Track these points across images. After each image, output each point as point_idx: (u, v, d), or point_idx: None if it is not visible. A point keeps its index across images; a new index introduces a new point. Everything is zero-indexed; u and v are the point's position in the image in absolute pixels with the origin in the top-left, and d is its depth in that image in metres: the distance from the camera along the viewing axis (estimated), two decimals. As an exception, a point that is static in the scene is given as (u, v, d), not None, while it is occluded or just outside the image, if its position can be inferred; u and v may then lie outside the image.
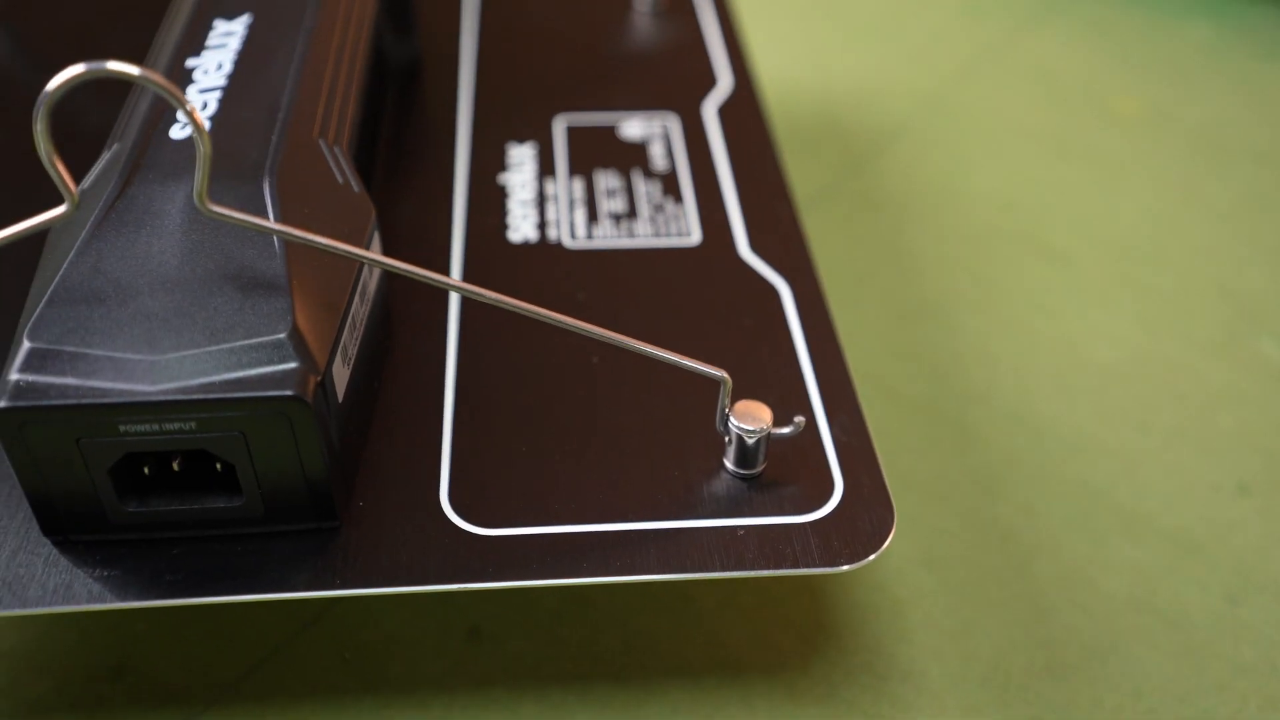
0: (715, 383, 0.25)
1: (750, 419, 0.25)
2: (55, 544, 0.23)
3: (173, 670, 0.28)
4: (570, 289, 0.30)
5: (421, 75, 0.39)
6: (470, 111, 0.37)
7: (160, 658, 0.29)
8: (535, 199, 0.34)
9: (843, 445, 0.26)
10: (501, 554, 0.24)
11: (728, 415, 0.25)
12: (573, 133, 0.37)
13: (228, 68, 0.29)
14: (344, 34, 0.32)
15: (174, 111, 0.27)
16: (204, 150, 0.20)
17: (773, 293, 0.31)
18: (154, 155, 0.26)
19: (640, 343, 0.24)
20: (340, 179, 0.27)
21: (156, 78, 0.20)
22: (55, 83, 0.20)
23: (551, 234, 0.32)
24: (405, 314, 0.29)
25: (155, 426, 0.21)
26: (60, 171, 0.20)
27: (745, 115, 0.38)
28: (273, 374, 0.22)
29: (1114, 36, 0.58)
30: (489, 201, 0.33)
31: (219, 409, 0.21)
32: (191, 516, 0.23)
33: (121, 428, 0.21)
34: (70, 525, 0.23)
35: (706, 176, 0.35)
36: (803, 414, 0.27)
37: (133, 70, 0.20)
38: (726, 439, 0.25)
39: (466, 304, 0.30)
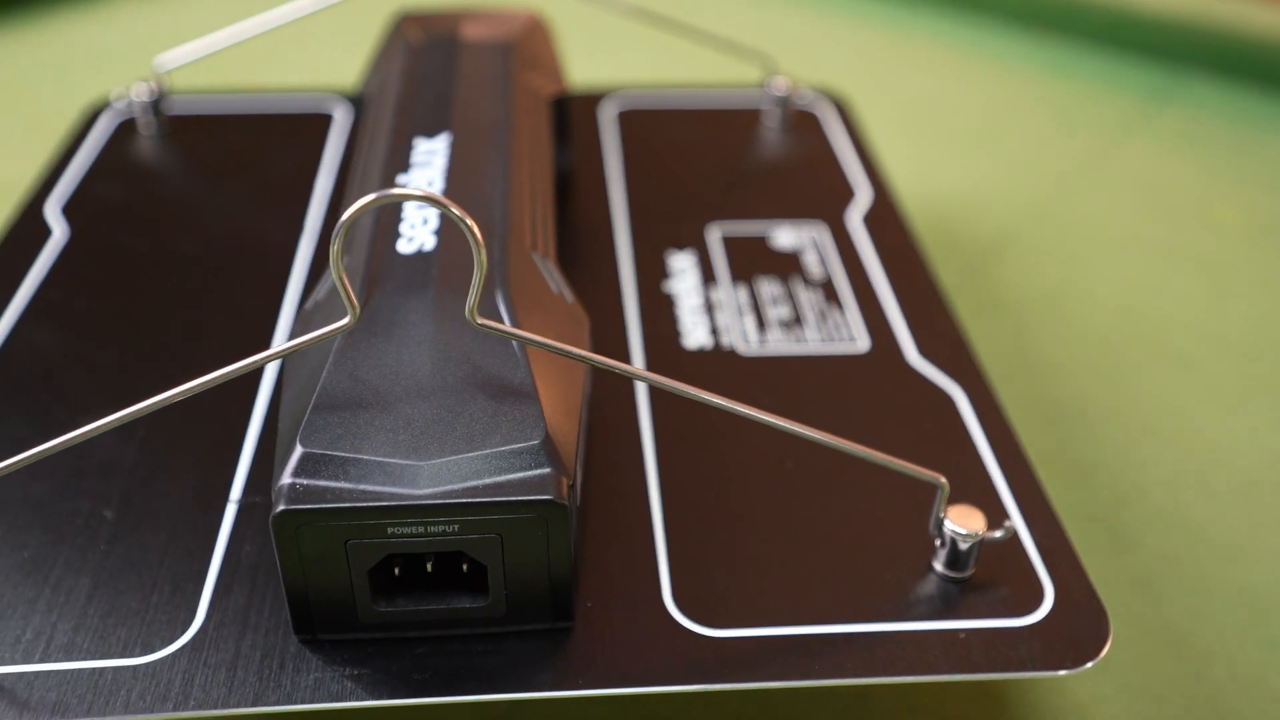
0: (910, 483, 0.25)
1: (966, 523, 0.25)
2: (303, 643, 0.24)
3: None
4: (753, 393, 0.32)
5: (574, 187, 0.41)
6: (626, 221, 0.39)
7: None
8: (703, 306, 0.35)
9: (1045, 549, 0.27)
10: (733, 655, 0.24)
11: (942, 519, 0.26)
12: (728, 242, 0.38)
13: (439, 184, 0.30)
14: (532, 150, 0.33)
15: (396, 226, 0.29)
16: (481, 269, 0.22)
17: (945, 398, 0.32)
18: (387, 269, 0.27)
19: (855, 445, 0.25)
20: (555, 289, 0.28)
21: (441, 199, 0.21)
22: (352, 209, 0.21)
23: (725, 340, 0.34)
24: (599, 420, 0.30)
25: (420, 529, 0.22)
26: (346, 287, 0.22)
27: (888, 224, 0.39)
28: (531, 479, 0.23)
29: (1204, 146, 0.60)
30: (659, 309, 0.35)
31: (481, 512, 0.22)
32: (436, 616, 0.24)
33: (389, 530, 0.22)
34: (322, 625, 0.24)
35: (862, 283, 0.36)
36: (997, 518, 0.27)
37: (417, 193, 0.21)
38: (938, 542, 0.26)
39: (656, 409, 0.31)
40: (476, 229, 0.21)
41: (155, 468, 0.28)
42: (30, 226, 0.37)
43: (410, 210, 0.29)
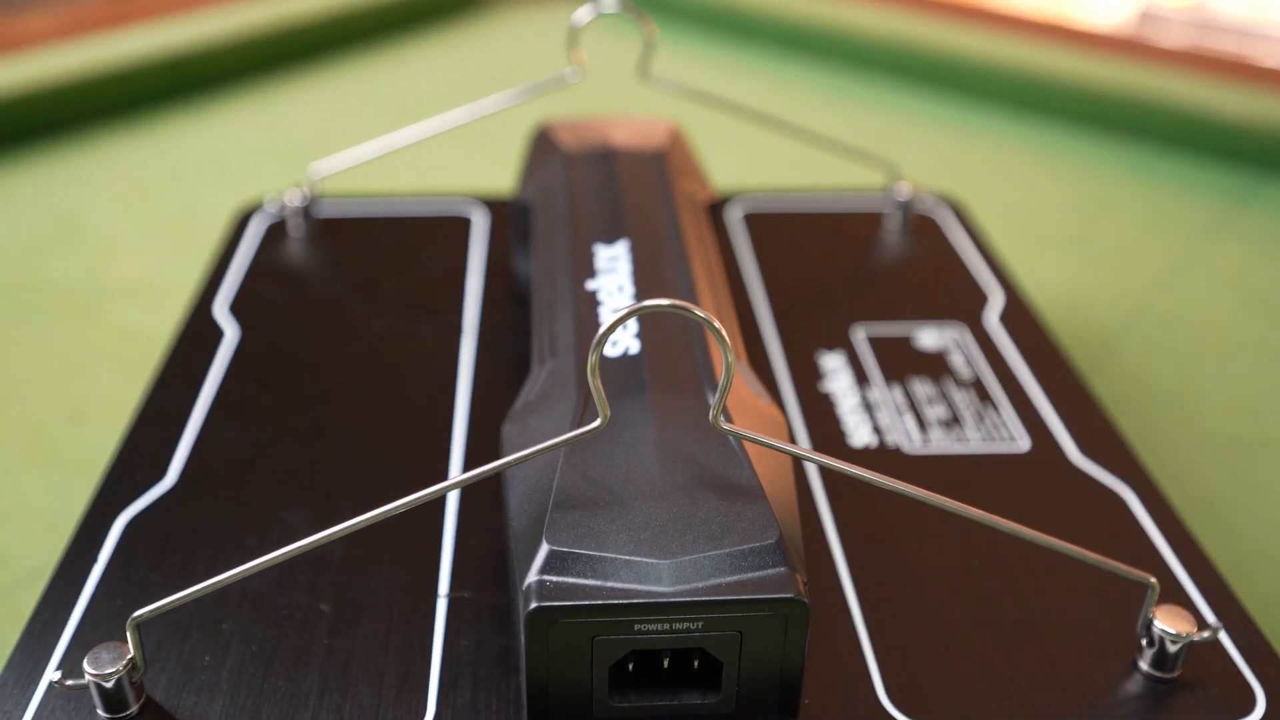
0: (1102, 582, 0.26)
1: (1176, 624, 0.26)
2: (535, 737, 0.25)
3: None
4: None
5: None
6: (772, 322, 0.40)
7: None
8: (861, 405, 0.36)
9: (1246, 650, 0.27)
10: (955, 753, 0.25)
11: (1152, 620, 0.26)
12: (874, 342, 0.39)
13: (629, 289, 0.32)
14: (704, 254, 0.35)
15: (597, 329, 0.30)
16: (728, 375, 0.23)
17: (1115, 498, 0.32)
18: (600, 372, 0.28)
19: (1068, 545, 0.26)
20: (755, 391, 0.29)
21: (699, 310, 0.22)
22: (611, 322, 0.22)
23: (889, 439, 0.34)
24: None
25: (665, 626, 0.23)
26: (600, 391, 0.23)
27: (1024, 324, 0.41)
28: (771, 577, 0.23)
29: (1294, 245, 0.61)
30: (820, 409, 0.36)
31: (726, 610, 0.23)
32: (666, 711, 0.24)
33: (636, 626, 0.23)
34: (557, 718, 0.24)
35: (1011, 383, 0.37)
36: (1191, 617, 0.28)
37: (666, 303, 0.22)
38: (1144, 642, 0.26)
39: (836, 508, 0.31)
40: (727, 335, 0.23)
41: (362, 562, 0.29)
42: (202, 326, 0.39)
43: (608, 315, 0.31)
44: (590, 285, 0.32)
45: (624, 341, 0.29)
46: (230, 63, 0.78)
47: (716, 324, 0.22)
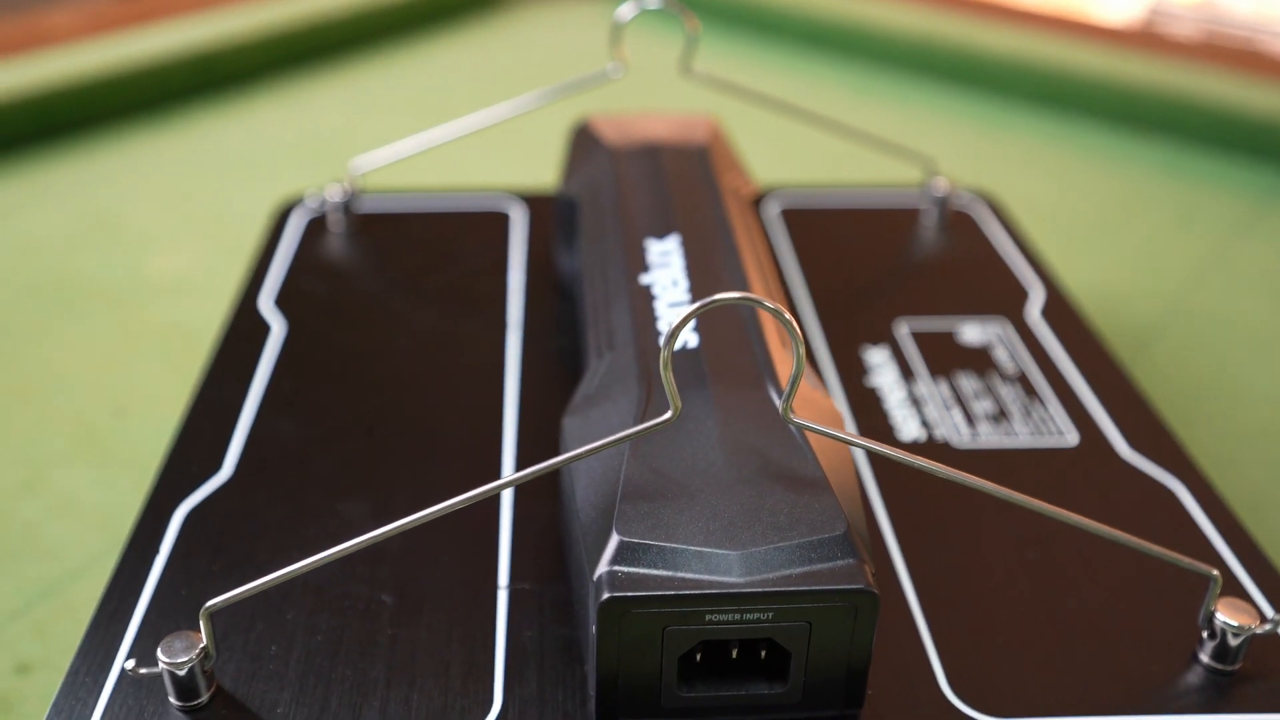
0: (1160, 574, 0.26)
1: (1238, 617, 0.26)
2: (603, 727, 0.25)
3: None
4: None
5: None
6: (815, 317, 0.40)
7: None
8: (908, 400, 0.36)
9: (1305, 642, 0.27)
10: (1019, 744, 0.25)
11: (1214, 612, 0.26)
12: (917, 337, 0.39)
13: (684, 284, 0.32)
14: (754, 248, 0.35)
15: (654, 324, 0.30)
16: (799, 367, 0.23)
17: (1166, 492, 0.32)
18: (656, 365, 0.28)
19: (1127, 535, 0.26)
20: (813, 384, 0.29)
21: (769, 303, 0.23)
22: (684, 316, 0.22)
23: (938, 434, 0.35)
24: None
25: (736, 616, 0.23)
26: (671, 384, 0.23)
27: (1066, 319, 0.41)
28: (842, 568, 0.23)
29: (1325, 242, 0.61)
30: (867, 403, 0.36)
31: (796, 600, 0.23)
32: (734, 702, 0.25)
33: (707, 617, 0.23)
34: (625, 709, 0.24)
35: (1056, 378, 0.37)
36: (1252, 610, 0.28)
37: (735, 296, 0.22)
38: (1205, 634, 0.26)
39: (890, 499, 0.32)
40: (799, 328, 0.23)
41: (420, 554, 0.29)
42: (249, 321, 0.39)
43: (664, 308, 0.31)
44: (644, 280, 0.32)
45: (682, 335, 0.29)
46: (257, 60, 0.79)
47: (788, 316, 0.23)
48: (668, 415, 0.23)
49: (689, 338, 0.29)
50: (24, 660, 0.33)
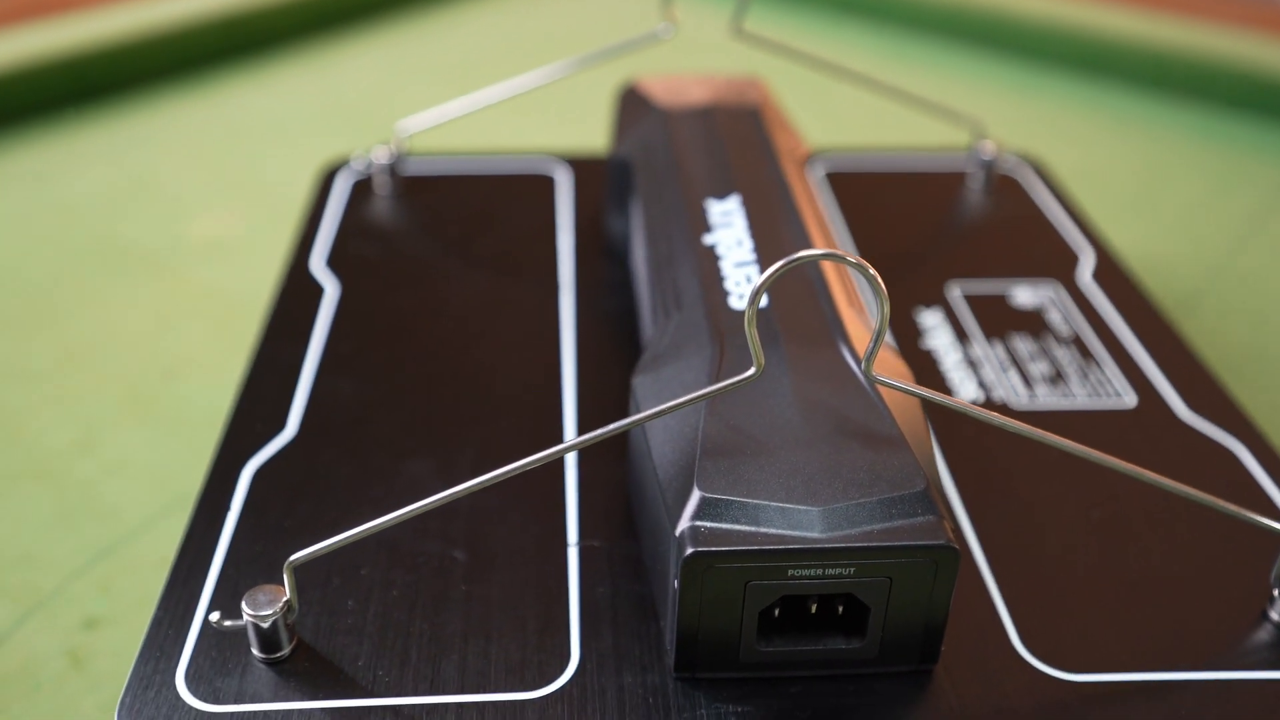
0: (1225, 531, 0.26)
1: (1311, 573, 0.26)
2: (680, 680, 0.25)
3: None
4: (1033, 446, 0.32)
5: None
6: (866, 280, 0.40)
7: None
8: (964, 361, 0.36)
9: (1373, 600, 0.27)
10: (1092, 699, 0.25)
11: (1286, 569, 0.26)
12: (970, 300, 0.39)
13: (748, 243, 0.32)
14: (812, 207, 0.35)
15: (721, 284, 0.30)
16: (883, 324, 0.23)
17: (1226, 453, 0.32)
18: (727, 323, 0.28)
19: (1202, 494, 0.26)
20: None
21: (852, 258, 0.23)
22: (770, 272, 0.22)
23: (996, 395, 0.35)
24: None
25: (819, 571, 0.23)
26: (756, 341, 0.23)
27: (1118, 282, 0.41)
28: (923, 524, 0.23)
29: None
30: (923, 365, 0.36)
31: (878, 556, 0.23)
32: (811, 657, 0.25)
33: (790, 572, 0.23)
34: (704, 663, 0.25)
35: (1111, 340, 0.37)
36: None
37: (820, 252, 0.22)
38: (1276, 592, 0.27)
39: (953, 459, 0.32)
40: (883, 284, 0.23)
41: (489, 512, 0.29)
42: (302, 282, 0.39)
43: (730, 268, 0.31)
44: (707, 240, 0.32)
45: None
46: (286, 24, 0.78)
47: (872, 271, 0.23)
48: (751, 372, 0.23)
49: (757, 297, 0.29)
50: (91, 616, 0.33)
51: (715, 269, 0.31)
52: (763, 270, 0.30)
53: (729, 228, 0.33)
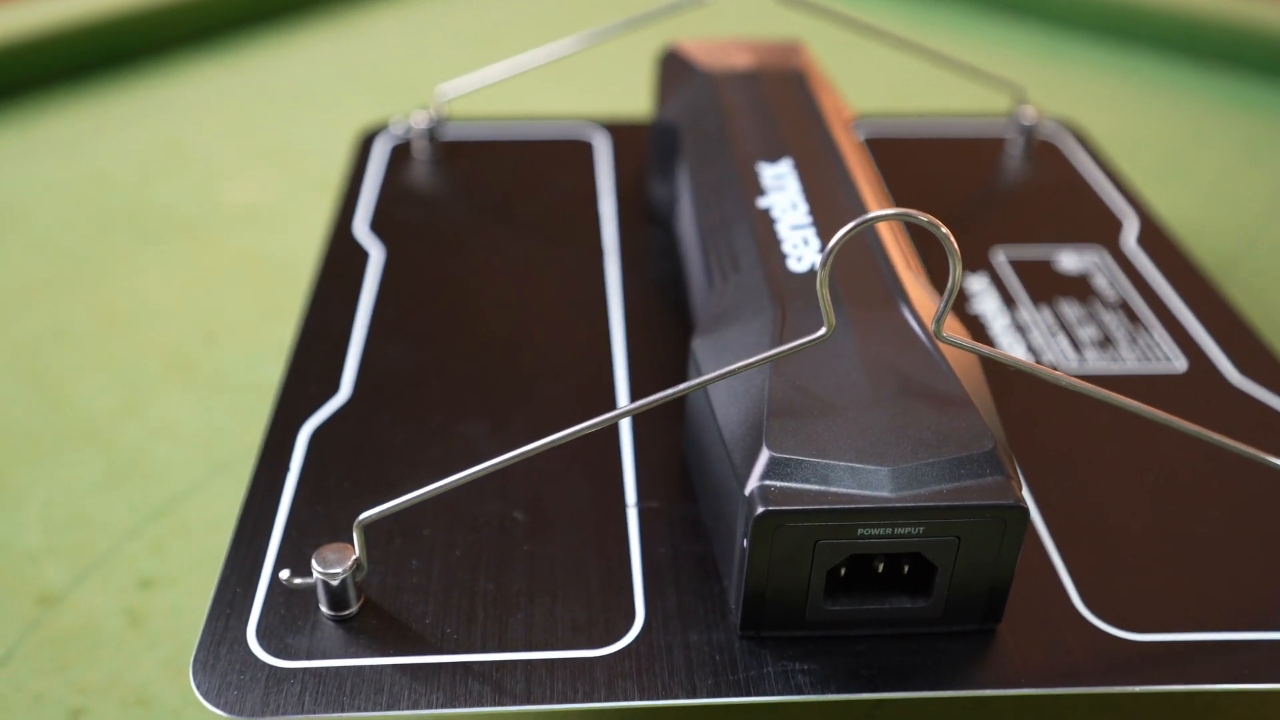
0: (1276, 496, 0.26)
1: (1373, 534, 0.26)
2: (745, 638, 0.25)
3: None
4: (1085, 409, 0.32)
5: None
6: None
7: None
8: (1012, 326, 0.36)
9: None
10: (1156, 658, 0.25)
11: (1347, 530, 0.26)
12: (1016, 265, 0.39)
13: (803, 206, 0.32)
14: (865, 170, 0.35)
15: (779, 246, 0.30)
16: (955, 284, 0.23)
17: (1278, 417, 0.32)
18: (790, 286, 0.28)
19: (1256, 450, 0.26)
20: (933, 302, 0.29)
21: (923, 216, 0.22)
22: (844, 232, 0.22)
23: (1045, 359, 0.35)
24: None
25: (888, 530, 0.23)
26: (828, 301, 0.23)
27: (1163, 247, 0.40)
28: (991, 484, 0.24)
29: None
30: (971, 329, 0.36)
31: (947, 515, 0.23)
32: (876, 616, 0.25)
33: (860, 531, 0.23)
34: (770, 622, 0.25)
35: (1158, 305, 0.37)
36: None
37: (893, 212, 0.22)
38: (1336, 553, 0.27)
39: (1005, 422, 0.32)
40: (955, 243, 0.23)
41: (547, 473, 0.30)
42: (347, 246, 0.39)
43: (786, 231, 0.31)
44: (761, 203, 0.32)
45: (807, 257, 0.29)
46: (309, -11, 0.78)
47: (945, 230, 0.23)
48: (822, 332, 0.23)
49: (813, 259, 0.29)
50: (147, 576, 0.34)
51: (772, 232, 0.31)
52: (820, 233, 0.30)
53: (782, 191, 0.33)
